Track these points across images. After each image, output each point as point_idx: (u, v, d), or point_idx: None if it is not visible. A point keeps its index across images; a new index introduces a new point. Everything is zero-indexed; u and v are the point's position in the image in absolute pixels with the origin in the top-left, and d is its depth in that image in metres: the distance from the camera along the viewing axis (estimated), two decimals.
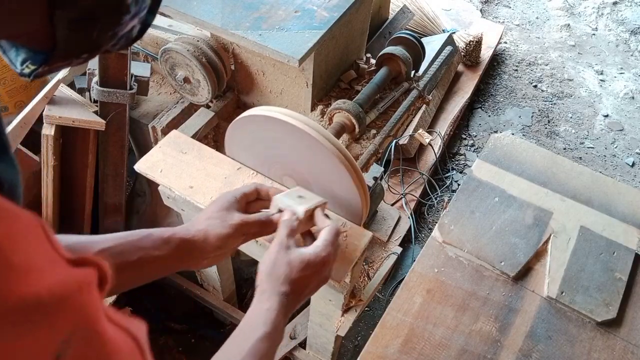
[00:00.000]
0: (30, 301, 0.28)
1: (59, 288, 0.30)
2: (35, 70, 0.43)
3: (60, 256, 0.32)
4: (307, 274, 0.80)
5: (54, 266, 0.31)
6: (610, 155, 2.90)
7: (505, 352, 1.20)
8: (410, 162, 2.56)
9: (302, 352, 1.69)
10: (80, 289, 0.31)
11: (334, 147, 0.91)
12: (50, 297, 0.29)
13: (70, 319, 0.30)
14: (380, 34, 2.69)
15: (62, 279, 0.30)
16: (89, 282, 0.33)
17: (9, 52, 0.43)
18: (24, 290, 0.28)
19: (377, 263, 1.35)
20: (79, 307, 0.31)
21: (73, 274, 0.32)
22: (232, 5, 1.32)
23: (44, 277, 0.29)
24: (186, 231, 0.83)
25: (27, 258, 0.29)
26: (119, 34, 0.44)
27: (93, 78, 1.57)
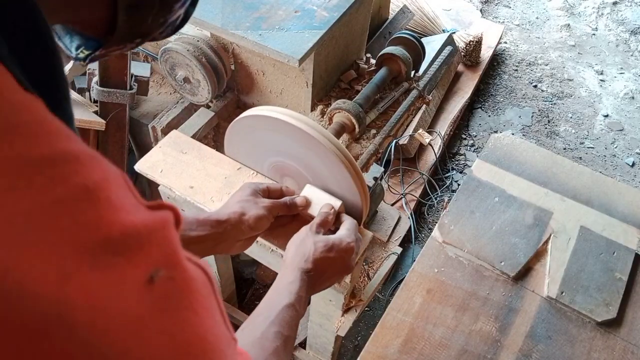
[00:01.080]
0: (130, 230, 0.32)
1: (149, 222, 0.34)
2: (90, 55, 0.46)
3: (140, 202, 0.36)
4: (331, 256, 0.84)
5: (138, 209, 0.35)
6: (610, 155, 2.90)
7: (505, 352, 1.20)
8: (410, 162, 2.56)
9: (302, 352, 1.69)
10: (163, 225, 0.36)
11: (334, 147, 0.91)
12: (144, 227, 0.33)
13: (159, 248, 0.35)
14: (380, 34, 2.69)
15: (148, 217, 0.35)
16: (168, 221, 0.37)
17: (64, 38, 0.46)
18: (125, 221, 0.32)
19: (377, 263, 1.35)
20: (165, 239, 0.36)
21: (155, 215, 0.36)
22: (232, 5, 1.32)
23: (132, 215, 0.33)
24: (220, 214, 0.87)
25: (120, 199, 0.33)
26: (168, 21, 0.47)
27: (93, 78, 1.57)
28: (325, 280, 0.86)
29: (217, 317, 0.40)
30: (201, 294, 0.38)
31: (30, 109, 0.30)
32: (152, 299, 0.33)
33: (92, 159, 0.33)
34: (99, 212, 0.31)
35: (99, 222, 0.31)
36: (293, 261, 0.83)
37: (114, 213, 0.32)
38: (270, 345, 0.70)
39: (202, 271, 0.40)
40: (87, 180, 0.31)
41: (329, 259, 0.84)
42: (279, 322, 0.73)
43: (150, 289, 0.33)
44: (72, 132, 0.33)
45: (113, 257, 0.31)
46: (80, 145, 0.32)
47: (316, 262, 0.82)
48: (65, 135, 0.32)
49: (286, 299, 0.77)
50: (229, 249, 0.91)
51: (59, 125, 0.32)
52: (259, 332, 0.71)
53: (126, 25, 0.43)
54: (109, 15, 0.42)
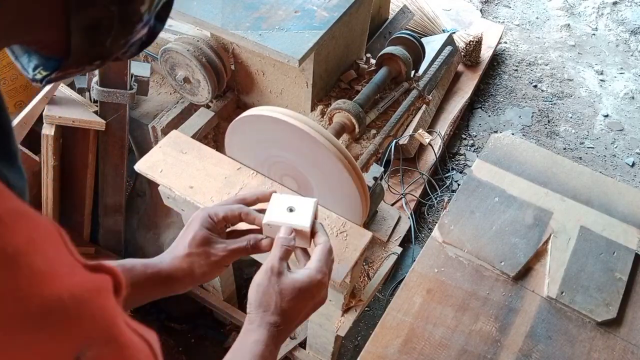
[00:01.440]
0: (53, 304, 0.29)
1: (80, 291, 0.30)
2: (47, 76, 0.44)
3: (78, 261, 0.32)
4: (300, 302, 0.75)
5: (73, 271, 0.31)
6: (610, 155, 2.90)
7: (505, 352, 1.20)
8: (410, 162, 2.56)
9: (302, 352, 1.69)
10: (99, 293, 0.32)
11: (334, 147, 0.91)
12: (72, 299, 0.30)
13: (91, 322, 0.31)
14: (380, 34, 2.69)
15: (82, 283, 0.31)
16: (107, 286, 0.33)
17: (21, 57, 0.44)
18: (47, 293, 0.28)
19: (377, 263, 1.35)
20: (99, 310, 0.32)
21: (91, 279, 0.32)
22: (232, 5, 1.32)
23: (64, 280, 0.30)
24: (168, 268, 0.79)
25: (48, 262, 0.30)
26: (130, 42, 0.45)
27: (93, 78, 1.57)
28: (297, 324, 0.78)
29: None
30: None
31: None
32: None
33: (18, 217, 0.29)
34: (17, 284, 0.28)
35: (16, 296, 0.27)
36: (257, 316, 0.73)
37: (36, 282, 0.28)
38: None
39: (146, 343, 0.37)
40: (7, 244, 0.28)
41: (298, 305, 0.75)
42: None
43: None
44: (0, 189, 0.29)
45: (33, 334, 0.28)
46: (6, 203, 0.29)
47: (284, 312, 0.73)
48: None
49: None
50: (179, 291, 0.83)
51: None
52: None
53: (82, 47, 0.41)
54: (63, 37, 0.40)
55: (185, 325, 2.07)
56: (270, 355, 0.71)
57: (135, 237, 1.98)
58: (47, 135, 1.53)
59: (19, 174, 0.39)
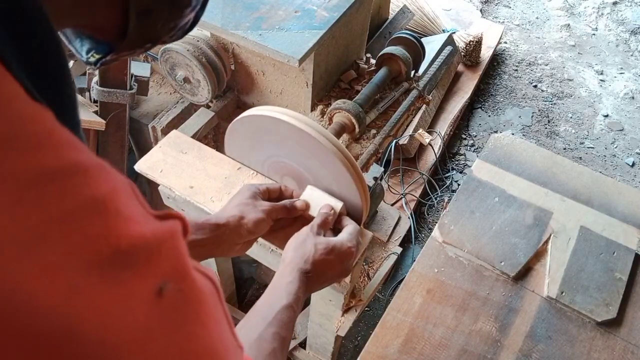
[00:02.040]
0: (139, 242, 0.32)
1: (157, 233, 0.34)
2: (101, 59, 0.46)
3: (149, 212, 0.35)
4: (330, 259, 0.84)
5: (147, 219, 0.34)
6: (610, 155, 2.90)
7: (505, 352, 1.20)
8: (410, 162, 2.56)
9: (302, 352, 1.69)
10: (172, 235, 0.36)
11: (334, 147, 0.91)
12: (152, 239, 0.33)
13: (169, 260, 0.34)
14: (380, 34, 2.69)
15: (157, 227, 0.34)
16: (177, 230, 0.37)
17: (74, 42, 0.46)
18: (133, 233, 0.32)
19: (377, 263, 1.35)
20: (174, 250, 0.35)
21: (164, 224, 0.36)
22: (232, 5, 1.32)
23: (143, 225, 0.33)
24: (219, 217, 0.86)
25: (129, 210, 0.33)
26: (178, 26, 0.47)
27: (93, 78, 1.57)
28: (323, 282, 0.86)
29: (224, 327, 0.40)
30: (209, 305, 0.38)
31: (38, 119, 0.30)
32: (160, 311, 0.33)
33: (101, 169, 0.32)
34: (108, 225, 0.31)
35: (108, 235, 0.31)
36: (292, 261, 0.83)
37: (123, 225, 0.32)
38: (268, 347, 0.70)
39: (210, 281, 0.40)
40: (96, 192, 0.31)
41: (328, 261, 0.84)
42: (277, 324, 0.73)
43: (159, 301, 0.33)
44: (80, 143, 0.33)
45: (122, 270, 0.31)
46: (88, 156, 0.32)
47: (315, 264, 0.82)
48: (74, 145, 0.32)
49: (284, 299, 0.76)
50: (228, 251, 0.91)
51: (67, 136, 0.31)
52: (256, 333, 0.71)
53: (137, 30, 0.43)
54: (120, 21, 0.42)
55: None
56: (300, 297, 0.79)
57: None
58: None
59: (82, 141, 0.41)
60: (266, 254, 1.16)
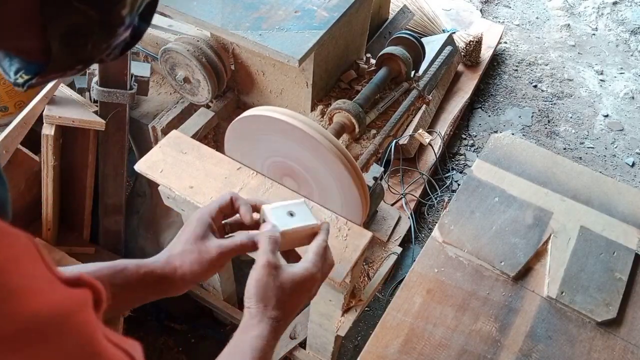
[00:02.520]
0: (31, 323, 0.28)
1: (58, 307, 0.30)
2: (29, 80, 0.43)
3: (56, 276, 0.32)
4: (299, 295, 0.76)
5: (52, 286, 0.31)
6: (610, 155, 2.90)
7: (505, 352, 1.20)
8: (410, 162, 2.56)
9: (302, 352, 1.69)
10: (79, 308, 0.32)
11: (334, 147, 0.91)
12: (51, 316, 0.29)
13: (70, 339, 0.30)
14: (380, 34, 2.69)
15: (61, 299, 0.31)
16: (86, 301, 0.33)
17: (3, 61, 0.43)
18: (25, 312, 0.28)
19: (377, 263, 1.35)
20: (79, 326, 0.31)
21: (70, 294, 0.32)
22: (232, 5, 1.32)
23: (42, 297, 0.29)
24: (162, 268, 0.78)
25: (26, 280, 0.29)
26: (112, 45, 0.44)
27: (93, 78, 1.57)
28: (293, 316, 0.79)
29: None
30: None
31: None
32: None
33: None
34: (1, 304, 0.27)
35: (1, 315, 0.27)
36: (257, 311, 0.74)
37: (13, 302, 0.28)
38: None
39: (128, 357, 0.36)
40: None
41: (297, 298, 0.76)
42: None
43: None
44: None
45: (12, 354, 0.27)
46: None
47: (284, 306, 0.75)
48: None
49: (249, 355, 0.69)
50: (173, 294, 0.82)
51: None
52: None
53: (62, 53, 0.40)
54: (42, 44, 0.39)
55: (185, 325, 2.06)
56: (270, 349, 0.72)
57: (135, 237, 1.98)
58: (47, 135, 1.53)
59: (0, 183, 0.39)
60: None
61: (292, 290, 0.75)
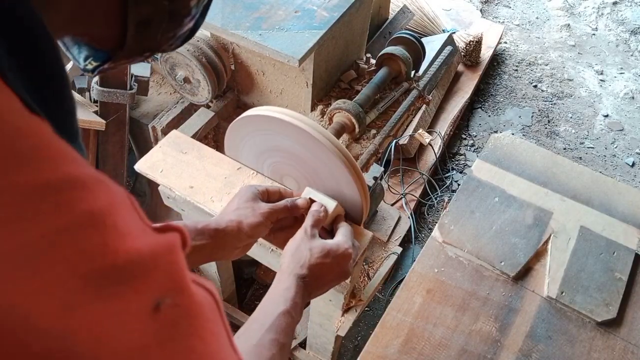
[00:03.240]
0: (135, 257, 0.32)
1: (155, 247, 0.34)
2: (99, 67, 0.45)
3: (147, 225, 0.35)
4: (327, 262, 0.83)
5: (145, 232, 0.34)
6: (610, 155, 2.90)
7: (505, 352, 1.20)
8: (410, 162, 2.56)
9: (302, 352, 1.69)
10: (170, 249, 0.35)
11: (334, 147, 0.91)
12: (150, 253, 0.33)
13: (166, 274, 0.34)
14: (380, 34, 2.69)
15: (155, 241, 0.34)
16: (175, 244, 0.36)
17: (72, 48, 0.45)
18: (130, 248, 0.32)
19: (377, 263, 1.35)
20: (171, 264, 0.35)
21: (163, 237, 0.35)
22: (232, 5, 1.32)
23: (140, 239, 0.33)
24: (218, 222, 0.86)
25: (126, 224, 0.33)
26: (177, 35, 0.46)
27: (93, 78, 1.57)
28: (322, 286, 0.85)
29: (224, 341, 0.40)
30: (208, 318, 0.38)
31: (35, 133, 0.30)
32: (157, 327, 0.32)
33: (98, 183, 0.32)
34: (105, 240, 0.31)
35: (105, 250, 0.30)
36: (288, 267, 0.82)
37: (120, 240, 0.31)
38: (267, 353, 0.70)
39: (209, 294, 0.40)
40: (93, 206, 0.31)
41: (325, 264, 0.83)
42: (275, 329, 0.73)
43: (156, 317, 0.32)
44: (78, 155, 0.32)
45: (118, 286, 0.31)
46: (86, 169, 0.32)
47: (312, 268, 0.82)
48: (72, 159, 0.31)
49: (282, 305, 0.76)
50: (228, 255, 0.91)
51: (65, 149, 0.31)
52: (255, 340, 0.71)
53: (135, 40, 0.42)
54: (118, 31, 0.41)
55: None
56: (298, 303, 0.78)
57: None
58: None
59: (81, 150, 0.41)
60: (266, 254, 1.16)
61: (322, 256, 0.83)
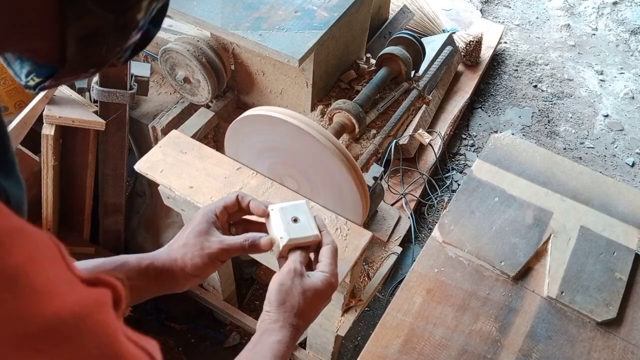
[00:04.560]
0: (53, 323, 0.29)
1: (79, 308, 0.30)
2: (40, 83, 0.43)
3: (76, 276, 0.32)
4: (318, 304, 0.79)
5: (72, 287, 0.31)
6: (610, 155, 2.90)
7: (505, 352, 1.20)
8: (410, 162, 2.56)
9: (302, 352, 1.69)
10: (99, 308, 0.32)
11: (334, 147, 0.91)
12: (72, 317, 0.30)
13: (92, 339, 0.31)
14: (380, 34, 2.69)
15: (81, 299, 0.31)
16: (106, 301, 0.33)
17: (13, 64, 0.43)
18: (47, 313, 0.29)
19: (377, 263, 1.35)
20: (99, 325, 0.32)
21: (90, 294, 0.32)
22: (232, 5, 1.32)
23: (64, 298, 0.30)
24: (163, 260, 0.79)
25: (47, 280, 0.30)
26: (124, 47, 0.44)
27: (93, 78, 1.57)
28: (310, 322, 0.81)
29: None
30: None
31: None
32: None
33: (17, 237, 0.29)
34: (18, 304, 0.28)
35: (17, 315, 0.28)
36: (281, 314, 0.75)
37: (37, 302, 0.29)
38: None
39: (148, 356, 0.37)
40: (6, 265, 0.28)
41: (316, 307, 0.79)
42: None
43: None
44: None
45: (34, 354, 0.28)
46: (5, 222, 0.29)
47: (304, 314, 0.76)
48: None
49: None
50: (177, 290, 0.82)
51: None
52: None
53: (78, 56, 0.40)
54: (58, 47, 0.39)
55: (185, 325, 2.07)
56: (288, 354, 0.73)
57: (135, 237, 1.98)
58: (47, 135, 1.53)
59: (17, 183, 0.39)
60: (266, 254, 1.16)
61: (314, 298, 0.77)
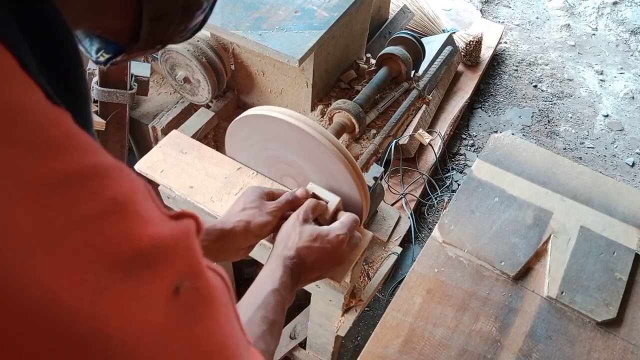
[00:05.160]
0: (158, 242, 0.33)
1: (174, 233, 0.35)
2: (111, 59, 0.46)
3: (164, 213, 0.37)
4: (315, 245, 0.83)
5: (163, 220, 0.35)
6: (610, 155, 2.90)
7: (505, 352, 1.20)
8: (410, 162, 2.56)
9: (302, 352, 1.69)
10: (187, 235, 0.37)
11: (334, 147, 0.91)
12: (170, 239, 0.34)
13: (184, 259, 0.35)
14: (380, 34, 2.69)
15: (173, 228, 0.36)
16: (191, 230, 0.38)
17: (83, 41, 0.46)
18: (152, 234, 0.33)
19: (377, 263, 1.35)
20: (189, 249, 0.36)
21: (179, 224, 0.37)
22: (232, 5, 1.32)
23: (160, 226, 0.34)
24: (224, 223, 0.86)
25: (147, 211, 0.34)
26: (188, 27, 0.48)
27: (93, 78, 1.57)
28: (311, 270, 0.85)
29: (235, 323, 0.41)
30: (221, 302, 0.39)
31: (58, 123, 0.31)
32: (177, 309, 0.34)
33: (120, 171, 0.33)
34: (129, 226, 0.32)
35: (130, 236, 0.31)
36: (276, 250, 0.84)
37: (143, 226, 0.32)
38: (257, 330, 0.71)
39: (221, 279, 0.41)
40: (117, 193, 0.32)
41: (313, 248, 0.83)
42: (265, 307, 0.74)
43: (176, 300, 0.34)
44: (98, 145, 0.33)
45: (142, 270, 0.32)
46: (107, 158, 0.33)
47: (299, 250, 0.82)
48: (93, 148, 0.32)
49: (270, 285, 0.77)
50: (232, 257, 0.91)
51: (86, 139, 0.32)
52: (245, 318, 0.72)
53: (149, 34, 0.44)
54: (133, 25, 0.43)
55: None
56: (286, 282, 0.79)
57: None
58: None
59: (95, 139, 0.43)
60: (266, 254, 1.15)
61: (310, 238, 0.83)
